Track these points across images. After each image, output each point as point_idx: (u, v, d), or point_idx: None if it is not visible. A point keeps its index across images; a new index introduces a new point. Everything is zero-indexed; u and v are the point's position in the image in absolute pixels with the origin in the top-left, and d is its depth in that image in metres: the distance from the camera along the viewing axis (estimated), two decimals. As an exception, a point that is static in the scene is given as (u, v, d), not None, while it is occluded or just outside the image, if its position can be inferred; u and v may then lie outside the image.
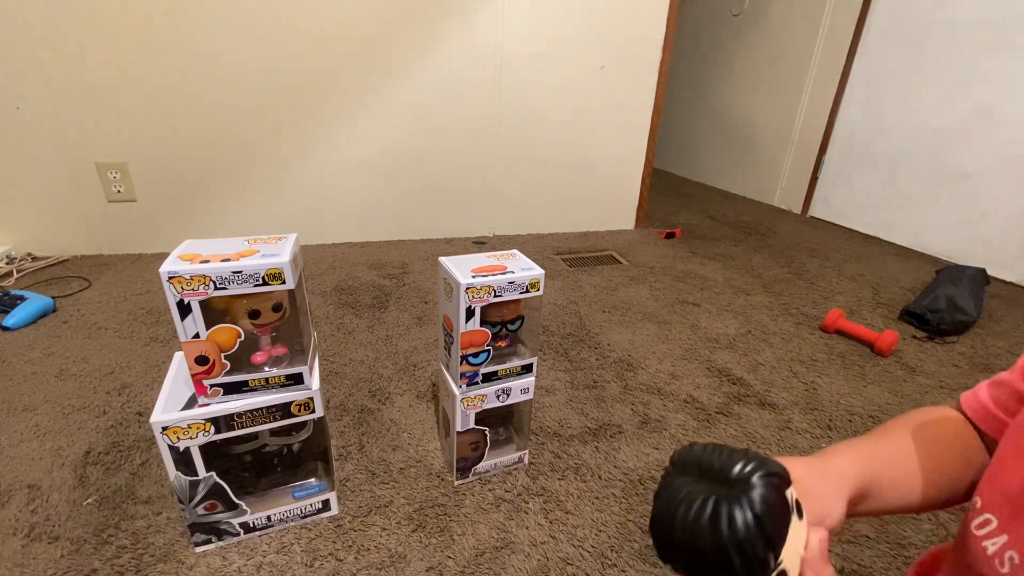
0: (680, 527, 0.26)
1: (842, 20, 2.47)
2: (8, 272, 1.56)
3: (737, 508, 0.25)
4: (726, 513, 0.25)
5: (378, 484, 0.89)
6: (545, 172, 2.16)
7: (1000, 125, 1.97)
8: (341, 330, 1.37)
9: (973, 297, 1.60)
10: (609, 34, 2.01)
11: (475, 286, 0.73)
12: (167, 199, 1.76)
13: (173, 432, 0.65)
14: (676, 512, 0.27)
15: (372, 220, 2.03)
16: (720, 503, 0.25)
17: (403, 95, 1.87)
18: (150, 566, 0.72)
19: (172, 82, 1.63)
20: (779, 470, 0.27)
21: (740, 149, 3.16)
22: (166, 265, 0.60)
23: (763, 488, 0.26)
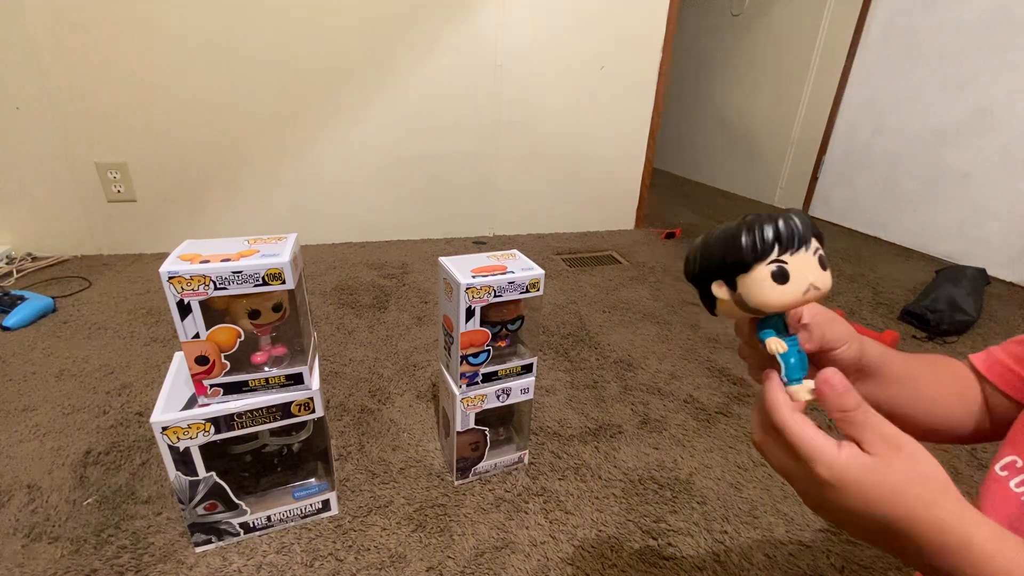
0: (713, 233, 0.32)
1: (842, 20, 2.47)
2: (8, 272, 1.56)
3: (765, 217, 0.30)
4: (753, 218, 0.30)
5: (378, 484, 0.89)
6: (545, 172, 2.16)
7: (1000, 125, 1.97)
8: (341, 330, 1.37)
9: (973, 297, 1.60)
10: (609, 34, 2.01)
11: (475, 286, 0.73)
12: (167, 199, 1.76)
13: (173, 432, 0.65)
14: (714, 230, 0.32)
15: (372, 220, 2.03)
16: (754, 216, 0.30)
17: (403, 95, 1.87)
18: (150, 566, 0.72)
19: (172, 82, 1.63)
20: (813, 223, 0.31)
21: (740, 149, 3.16)
22: (166, 265, 0.60)
23: (795, 215, 0.30)
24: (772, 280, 0.29)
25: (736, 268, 0.30)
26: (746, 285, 0.30)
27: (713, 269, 0.32)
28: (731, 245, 0.30)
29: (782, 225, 0.29)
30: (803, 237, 0.29)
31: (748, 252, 0.30)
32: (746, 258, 0.30)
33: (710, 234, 0.32)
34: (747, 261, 0.30)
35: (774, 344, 0.32)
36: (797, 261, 0.29)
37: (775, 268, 0.29)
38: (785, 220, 0.29)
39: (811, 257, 0.30)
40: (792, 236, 0.29)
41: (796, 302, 0.30)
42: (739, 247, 0.30)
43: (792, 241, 0.29)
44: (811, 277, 0.30)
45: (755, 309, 0.31)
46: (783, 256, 0.29)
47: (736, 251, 0.30)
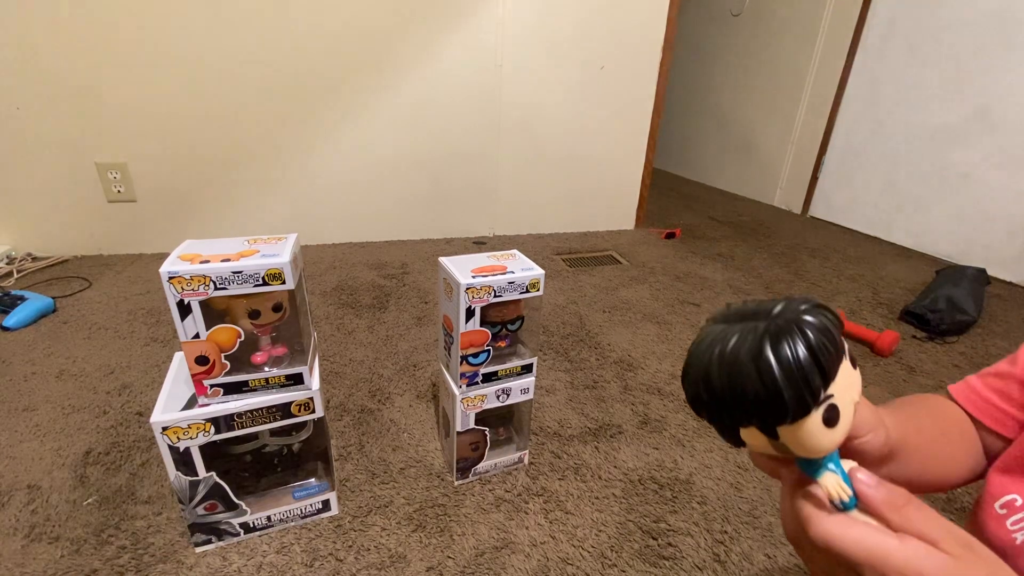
0: (718, 363, 0.23)
1: (842, 20, 2.47)
2: (8, 272, 1.56)
3: (786, 336, 0.22)
4: (771, 342, 0.22)
5: (378, 484, 0.89)
6: (545, 172, 2.16)
7: (1000, 125, 1.97)
8: (341, 330, 1.37)
9: (973, 297, 1.60)
10: (609, 34, 2.01)
11: (475, 286, 0.73)
12: (167, 199, 1.76)
13: (173, 432, 0.65)
14: (713, 350, 0.23)
15: (372, 220, 2.03)
16: (766, 334, 0.22)
17: (403, 95, 1.87)
18: (150, 566, 0.72)
19: (172, 83, 1.63)
20: (830, 307, 0.24)
21: (740, 149, 3.16)
22: (166, 265, 0.60)
23: (814, 317, 0.22)
24: (824, 426, 0.23)
25: (775, 421, 0.23)
26: (792, 436, 0.24)
27: (738, 417, 0.24)
28: (764, 400, 0.22)
29: (821, 353, 0.22)
30: (840, 348, 0.23)
31: (794, 407, 0.22)
32: (790, 415, 0.23)
33: (713, 361, 0.24)
34: (792, 418, 0.23)
35: (835, 488, 0.25)
36: (840, 385, 0.23)
37: (826, 410, 0.23)
38: (820, 338, 0.22)
39: (847, 366, 0.24)
40: (835, 358, 0.22)
41: (847, 434, 0.25)
42: (780, 403, 0.22)
43: (836, 365, 0.23)
44: (855, 394, 0.24)
45: (802, 456, 0.25)
46: (830, 390, 0.23)
47: (776, 407, 0.22)
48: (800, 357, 0.21)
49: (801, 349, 0.21)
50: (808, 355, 0.21)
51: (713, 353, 0.23)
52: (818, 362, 0.22)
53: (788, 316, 0.22)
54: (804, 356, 0.21)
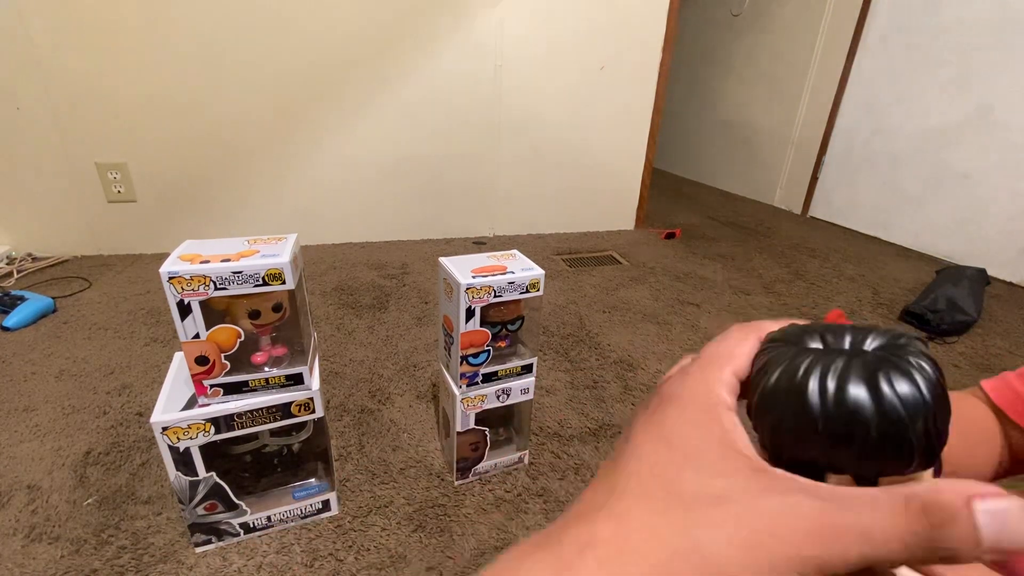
0: (824, 401, 0.18)
1: (842, 20, 2.47)
2: (8, 272, 1.56)
3: (904, 373, 0.17)
4: (888, 378, 0.17)
5: (378, 484, 0.89)
6: (545, 172, 2.16)
7: (1000, 125, 1.97)
8: (341, 330, 1.37)
9: (973, 297, 1.60)
10: (609, 34, 2.01)
11: (475, 286, 0.73)
12: (167, 199, 1.76)
13: (173, 432, 0.65)
14: (807, 382, 0.18)
15: (372, 220, 2.03)
16: (880, 367, 0.17)
17: (403, 95, 1.87)
18: (150, 566, 0.72)
19: (172, 82, 1.63)
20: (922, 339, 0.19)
21: (740, 149, 3.16)
22: (166, 265, 0.60)
23: (923, 356, 0.18)
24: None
25: (892, 467, 0.18)
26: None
27: (842, 459, 0.18)
28: (884, 444, 0.17)
29: (941, 393, 0.17)
30: (947, 396, 0.18)
31: (921, 449, 0.17)
32: (915, 459, 0.18)
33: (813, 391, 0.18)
34: (916, 464, 0.18)
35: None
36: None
37: (936, 467, 0.18)
38: (937, 375, 0.17)
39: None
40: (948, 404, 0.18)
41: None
42: (900, 449, 0.17)
43: (948, 414, 0.18)
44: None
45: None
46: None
47: (895, 453, 0.17)
48: (924, 393, 0.17)
49: (923, 384, 0.17)
50: (931, 392, 0.17)
51: (810, 388, 0.18)
52: (941, 403, 0.17)
53: (897, 349, 0.18)
54: (928, 393, 0.17)
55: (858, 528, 0.15)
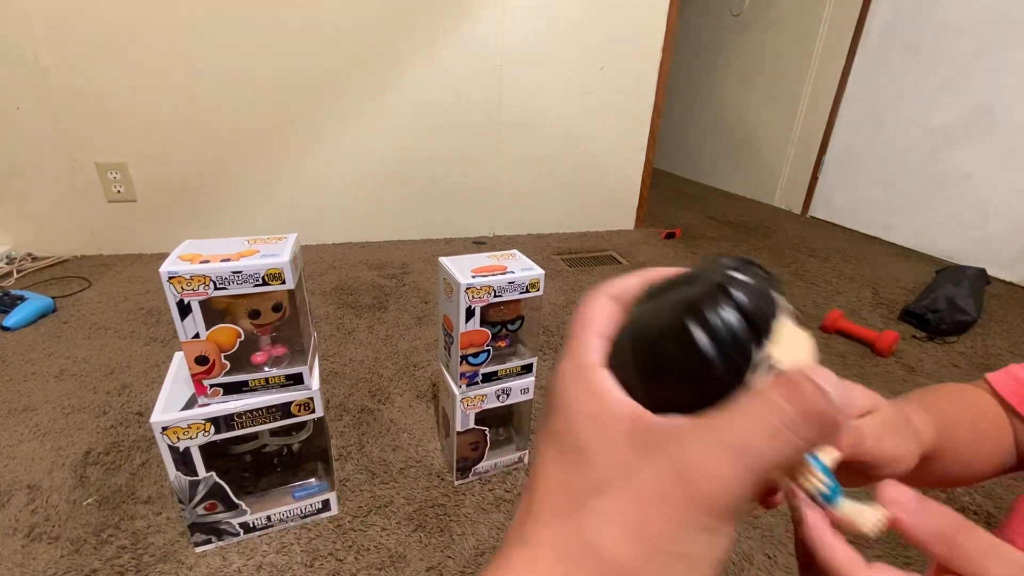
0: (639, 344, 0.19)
1: (842, 20, 2.47)
2: (8, 272, 1.56)
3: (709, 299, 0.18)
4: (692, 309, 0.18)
5: (378, 484, 0.89)
6: (545, 172, 2.16)
7: (1000, 125, 1.97)
8: (341, 330, 1.37)
9: (973, 297, 1.60)
10: (609, 34, 2.01)
11: (475, 286, 0.73)
12: (167, 199, 1.76)
13: (173, 432, 0.65)
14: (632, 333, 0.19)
15: (372, 220, 2.03)
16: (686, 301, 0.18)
17: (403, 95, 1.87)
18: (150, 566, 0.72)
19: (172, 82, 1.63)
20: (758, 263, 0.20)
21: (740, 149, 3.16)
22: (166, 265, 0.60)
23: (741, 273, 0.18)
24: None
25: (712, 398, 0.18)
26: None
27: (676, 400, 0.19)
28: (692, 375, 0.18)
29: (750, 310, 0.18)
30: (773, 303, 0.18)
31: (726, 374, 0.18)
32: (726, 385, 0.18)
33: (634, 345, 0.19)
34: (728, 388, 0.18)
35: (807, 478, 0.20)
36: (786, 348, 0.18)
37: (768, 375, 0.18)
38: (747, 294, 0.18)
39: (789, 324, 0.19)
40: (767, 311, 0.18)
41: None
42: (711, 374, 0.18)
43: (769, 319, 0.18)
44: (806, 357, 0.19)
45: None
46: (766, 349, 0.18)
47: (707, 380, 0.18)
48: (726, 318, 0.18)
49: (728, 311, 0.18)
50: (737, 315, 0.18)
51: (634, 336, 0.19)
52: (748, 320, 0.18)
53: (710, 277, 0.19)
54: (731, 317, 0.18)
55: (741, 442, 0.15)
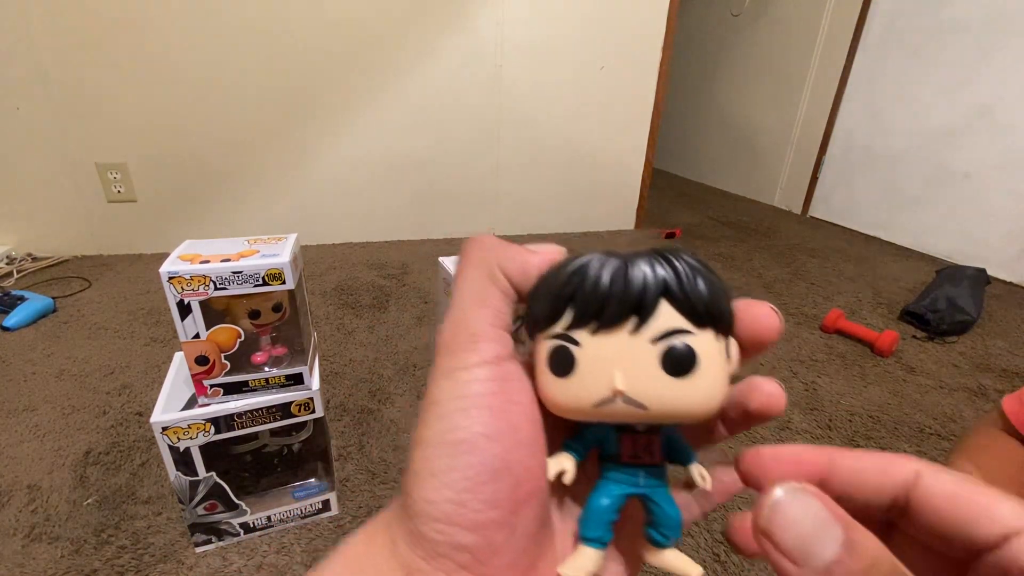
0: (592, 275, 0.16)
1: (842, 20, 2.47)
2: (8, 272, 1.56)
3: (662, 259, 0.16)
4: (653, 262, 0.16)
5: (378, 484, 0.89)
6: (545, 172, 2.16)
7: (1000, 125, 1.97)
8: (341, 330, 1.37)
9: (973, 297, 1.60)
10: (609, 34, 2.01)
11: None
12: (167, 199, 1.76)
13: (173, 432, 0.65)
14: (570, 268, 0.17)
15: (372, 220, 2.03)
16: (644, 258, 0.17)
17: (403, 95, 1.87)
18: (150, 566, 0.72)
19: (173, 83, 1.63)
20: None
21: (740, 149, 3.16)
22: (166, 265, 0.60)
23: (654, 251, 0.17)
24: (547, 364, 0.17)
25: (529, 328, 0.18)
26: (534, 358, 0.18)
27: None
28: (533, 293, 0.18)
29: (594, 266, 0.16)
30: (624, 300, 0.16)
31: (535, 306, 0.18)
32: (533, 313, 0.18)
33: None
34: (531, 320, 0.18)
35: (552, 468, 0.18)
36: (601, 345, 0.16)
37: (555, 345, 0.17)
38: (602, 260, 0.17)
39: (638, 344, 0.16)
40: (597, 293, 0.16)
41: (577, 411, 0.17)
42: (532, 300, 0.18)
43: (595, 305, 0.16)
44: (619, 379, 0.16)
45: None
46: (576, 328, 0.17)
47: (531, 306, 0.18)
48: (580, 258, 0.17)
49: (584, 258, 0.17)
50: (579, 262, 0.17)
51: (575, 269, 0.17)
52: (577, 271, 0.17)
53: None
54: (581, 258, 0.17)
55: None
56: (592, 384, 0.16)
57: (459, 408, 0.16)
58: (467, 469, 0.15)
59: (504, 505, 0.15)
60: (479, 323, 0.17)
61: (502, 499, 0.15)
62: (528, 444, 0.16)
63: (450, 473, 0.15)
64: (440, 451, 0.16)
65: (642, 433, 0.18)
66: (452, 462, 0.15)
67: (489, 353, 0.17)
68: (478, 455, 0.15)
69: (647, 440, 0.18)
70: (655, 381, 0.16)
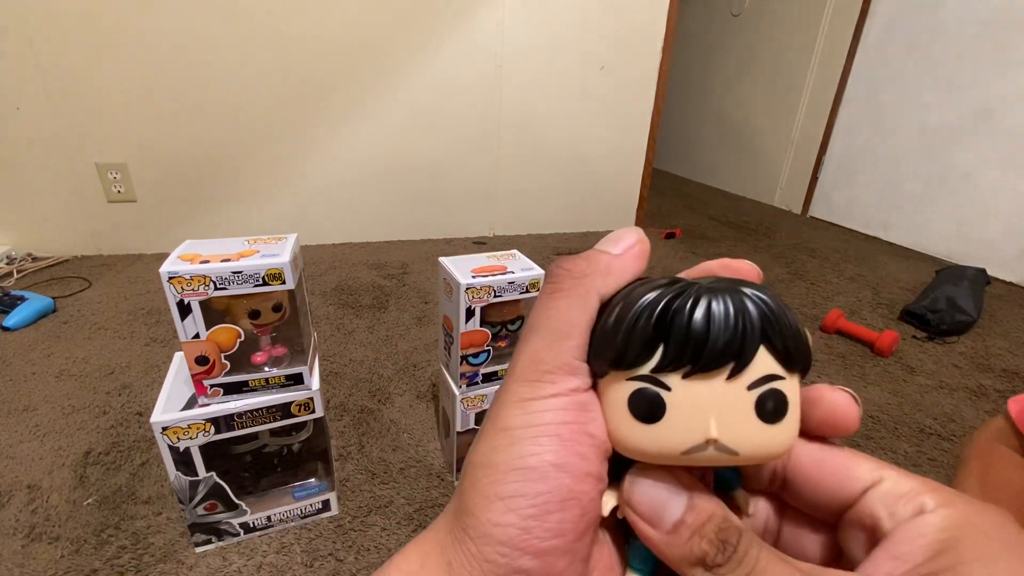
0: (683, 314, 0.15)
1: (842, 20, 2.47)
2: (8, 272, 1.56)
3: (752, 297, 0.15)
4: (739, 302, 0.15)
5: (378, 484, 0.89)
6: (545, 172, 2.16)
7: (1000, 125, 1.97)
8: (341, 330, 1.37)
9: (973, 297, 1.60)
10: (609, 34, 2.01)
11: (475, 286, 0.73)
12: (167, 199, 1.76)
13: (173, 432, 0.65)
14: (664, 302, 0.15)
15: (372, 220, 2.03)
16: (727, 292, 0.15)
17: (403, 95, 1.87)
18: (150, 566, 0.72)
19: (172, 82, 1.63)
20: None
21: (740, 149, 3.16)
22: (166, 265, 0.60)
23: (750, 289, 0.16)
24: (627, 407, 0.16)
25: (602, 364, 0.17)
26: (602, 396, 0.17)
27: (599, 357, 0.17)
28: (608, 328, 0.16)
29: (688, 304, 0.15)
30: (728, 345, 0.15)
31: (611, 343, 0.16)
32: (606, 348, 0.16)
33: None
34: (608, 357, 0.16)
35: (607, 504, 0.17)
36: (695, 390, 0.15)
37: (639, 387, 0.16)
38: (691, 296, 0.15)
39: (734, 390, 0.15)
40: (694, 335, 0.15)
41: (661, 458, 0.16)
42: (607, 335, 0.16)
43: (693, 348, 0.15)
44: (714, 426, 0.15)
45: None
46: (666, 371, 0.15)
47: (606, 342, 0.16)
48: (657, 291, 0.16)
49: (666, 293, 0.16)
50: (669, 296, 0.15)
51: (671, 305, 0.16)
52: (667, 309, 0.15)
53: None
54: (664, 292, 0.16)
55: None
56: (683, 432, 0.15)
57: (531, 436, 0.16)
58: (536, 497, 0.15)
59: (569, 534, 0.15)
60: (562, 357, 0.17)
61: (567, 528, 0.15)
62: (595, 476, 0.16)
63: (518, 499, 0.15)
64: (510, 476, 0.16)
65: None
66: (521, 488, 0.15)
67: (566, 386, 0.17)
68: (547, 483, 0.15)
69: (702, 473, 0.18)
70: (748, 428, 0.15)
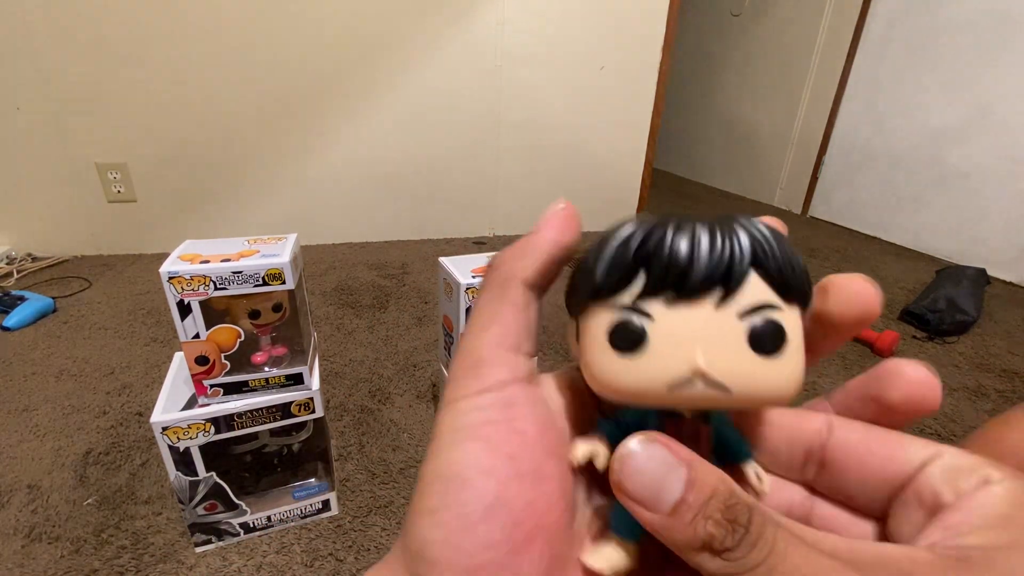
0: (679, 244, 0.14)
1: (842, 20, 2.47)
2: (8, 272, 1.56)
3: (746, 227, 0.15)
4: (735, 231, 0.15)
5: (378, 484, 0.89)
6: (545, 172, 2.16)
7: (1000, 125, 1.97)
8: (341, 330, 1.37)
9: (973, 297, 1.60)
10: (609, 34, 2.01)
11: (475, 286, 0.73)
12: (167, 199, 1.76)
13: (173, 432, 0.65)
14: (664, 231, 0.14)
15: (372, 220, 2.03)
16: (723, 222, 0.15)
17: (403, 95, 1.87)
18: (150, 566, 0.72)
19: (172, 82, 1.63)
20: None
21: (740, 149, 3.16)
22: (166, 265, 0.60)
23: (736, 217, 0.15)
24: (607, 340, 0.15)
25: (580, 297, 0.16)
26: (580, 334, 0.16)
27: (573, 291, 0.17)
28: (587, 260, 0.16)
29: (673, 229, 0.14)
30: (713, 268, 0.14)
31: (591, 274, 0.15)
32: (584, 281, 0.16)
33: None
34: (586, 289, 0.16)
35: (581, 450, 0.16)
36: (679, 318, 0.14)
37: (620, 318, 0.14)
38: (679, 223, 0.14)
39: (723, 319, 0.14)
40: (678, 259, 0.14)
41: (644, 395, 0.14)
42: (585, 266, 0.16)
43: (676, 272, 0.14)
44: (701, 356, 0.14)
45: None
46: (649, 299, 0.14)
47: (584, 274, 0.16)
48: (642, 223, 0.14)
49: (649, 223, 0.14)
50: (646, 227, 0.14)
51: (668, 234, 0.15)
52: (650, 236, 0.14)
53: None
54: (645, 224, 0.14)
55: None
56: (666, 363, 0.14)
57: (453, 441, 0.15)
58: (459, 507, 0.14)
59: (500, 546, 0.13)
60: (482, 347, 0.16)
61: (497, 540, 0.13)
62: (529, 475, 0.14)
63: (443, 512, 0.14)
64: (434, 487, 0.14)
65: (689, 419, 0.15)
66: (444, 499, 0.14)
67: (491, 379, 0.15)
68: (469, 491, 0.14)
69: (694, 428, 0.15)
70: (740, 360, 0.14)
